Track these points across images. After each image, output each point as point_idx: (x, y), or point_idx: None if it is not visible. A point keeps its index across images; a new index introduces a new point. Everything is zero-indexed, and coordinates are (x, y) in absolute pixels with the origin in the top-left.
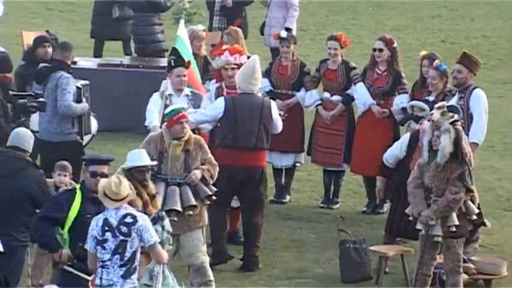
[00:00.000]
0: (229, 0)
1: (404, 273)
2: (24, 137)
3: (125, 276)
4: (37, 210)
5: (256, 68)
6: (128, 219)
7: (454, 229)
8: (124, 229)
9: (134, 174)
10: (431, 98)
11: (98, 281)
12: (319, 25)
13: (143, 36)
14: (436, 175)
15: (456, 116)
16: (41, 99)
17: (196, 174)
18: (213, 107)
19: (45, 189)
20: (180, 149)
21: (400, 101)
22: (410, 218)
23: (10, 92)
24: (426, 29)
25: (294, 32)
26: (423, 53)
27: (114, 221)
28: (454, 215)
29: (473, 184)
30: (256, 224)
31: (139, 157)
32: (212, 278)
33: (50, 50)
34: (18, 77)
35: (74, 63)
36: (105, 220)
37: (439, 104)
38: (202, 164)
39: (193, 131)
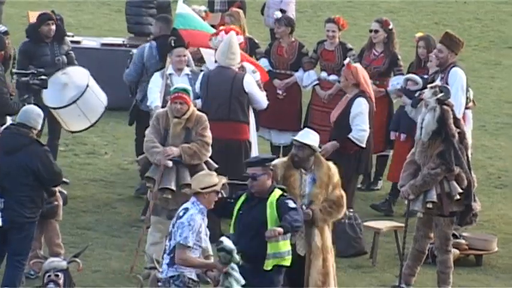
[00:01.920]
0: None
1: (397, 248)
2: (30, 114)
3: (170, 264)
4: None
5: (232, 43)
6: (180, 212)
7: (430, 206)
8: (174, 220)
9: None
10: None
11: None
12: (316, 7)
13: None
14: (422, 151)
15: (441, 95)
16: (43, 77)
17: (173, 150)
18: (197, 82)
19: (48, 166)
20: (180, 127)
21: (396, 81)
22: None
23: (13, 70)
24: (420, 11)
25: (292, 14)
26: (419, 34)
27: (178, 213)
28: (433, 191)
29: (461, 166)
30: None
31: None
32: (211, 252)
33: (53, 27)
34: (22, 54)
35: (78, 42)
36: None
37: (433, 83)
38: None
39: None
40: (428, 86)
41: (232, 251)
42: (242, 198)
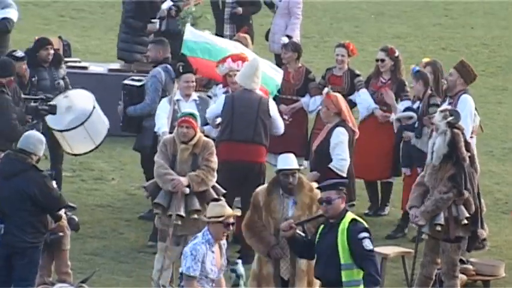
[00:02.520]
0: (239, 8)
1: (405, 273)
2: (30, 140)
3: None
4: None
5: (258, 67)
6: (190, 240)
7: (439, 228)
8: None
9: (280, 178)
10: (415, 106)
11: None
12: (322, 33)
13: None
14: (432, 174)
15: (451, 118)
16: (52, 103)
17: (181, 181)
18: (216, 103)
19: (46, 191)
20: (187, 153)
21: (403, 106)
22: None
23: (22, 96)
24: (427, 37)
25: (298, 40)
26: (425, 59)
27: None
28: (441, 214)
29: (470, 190)
30: None
31: (286, 160)
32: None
33: (51, 52)
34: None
35: (85, 68)
36: None
37: (443, 107)
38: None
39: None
40: (438, 109)
41: (242, 277)
42: (321, 226)
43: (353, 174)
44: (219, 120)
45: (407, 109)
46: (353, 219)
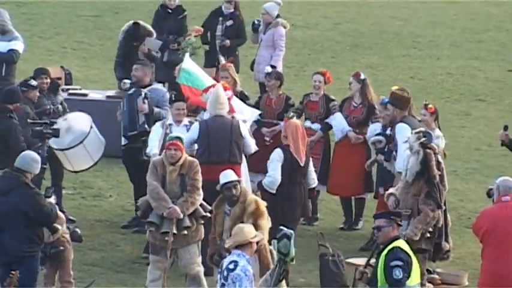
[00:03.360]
0: (227, 41)
1: None
2: (25, 159)
3: None
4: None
5: (220, 94)
6: (230, 265)
7: (405, 238)
8: (224, 274)
9: (224, 192)
10: (388, 132)
11: None
12: (302, 63)
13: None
14: (404, 188)
15: (424, 139)
16: (55, 127)
17: (177, 210)
18: (191, 131)
19: (37, 207)
20: (175, 174)
21: (374, 128)
22: None
23: (28, 120)
24: (397, 67)
25: (280, 69)
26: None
27: (224, 264)
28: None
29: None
30: None
31: (227, 175)
32: (206, 286)
33: (46, 80)
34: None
35: (85, 95)
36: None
37: (417, 129)
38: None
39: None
40: (413, 131)
41: (292, 235)
42: None
43: (295, 193)
44: (195, 146)
45: (378, 134)
46: (394, 247)
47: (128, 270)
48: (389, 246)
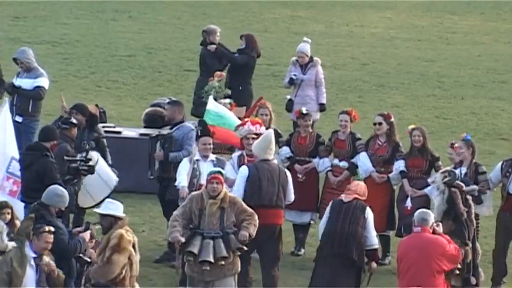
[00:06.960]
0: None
1: None
2: (49, 194)
3: None
4: None
5: (272, 140)
6: None
7: None
8: None
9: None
10: (463, 169)
11: None
12: (330, 102)
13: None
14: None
15: (447, 179)
16: (91, 164)
17: (245, 235)
18: (239, 173)
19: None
20: (216, 207)
21: (398, 165)
22: None
23: (65, 158)
24: (422, 106)
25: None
26: (412, 126)
27: None
28: None
29: (470, 239)
30: (274, 276)
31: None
32: None
33: (78, 116)
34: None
35: (119, 132)
36: None
37: (443, 169)
38: (242, 219)
39: None
40: (440, 171)
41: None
42: None
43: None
44: (233, 189)
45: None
46: None
47: None
48: None
